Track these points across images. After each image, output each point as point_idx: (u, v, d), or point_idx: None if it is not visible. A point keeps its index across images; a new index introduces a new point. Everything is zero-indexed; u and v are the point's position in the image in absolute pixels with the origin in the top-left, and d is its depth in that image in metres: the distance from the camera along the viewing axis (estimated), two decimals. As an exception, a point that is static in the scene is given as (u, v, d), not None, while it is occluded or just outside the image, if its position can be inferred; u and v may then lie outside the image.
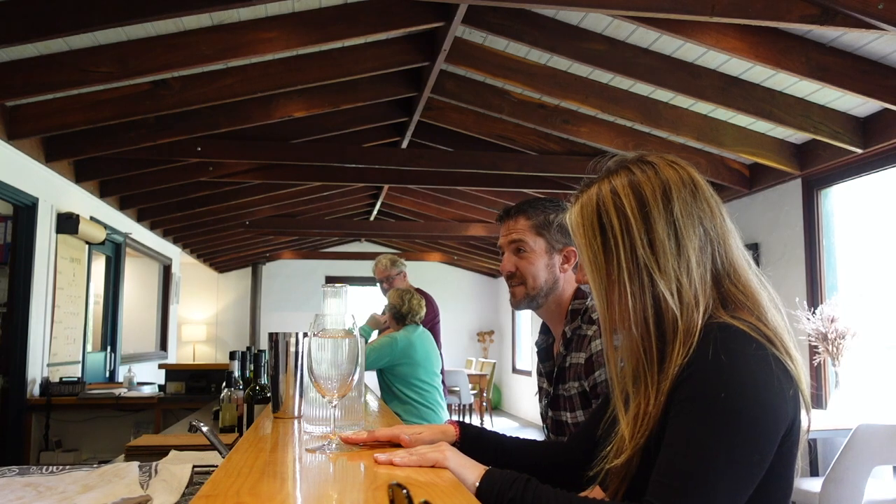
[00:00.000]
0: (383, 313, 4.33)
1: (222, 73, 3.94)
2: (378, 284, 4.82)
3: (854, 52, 3.50)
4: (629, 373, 1.10)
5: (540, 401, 1.97)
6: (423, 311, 4.21)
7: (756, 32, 3.38)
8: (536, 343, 2.00)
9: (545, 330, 1.95)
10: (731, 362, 0.98)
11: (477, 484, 1.06)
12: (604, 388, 1.63)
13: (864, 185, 4.46)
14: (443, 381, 4.73)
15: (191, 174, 5.61)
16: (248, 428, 1.79)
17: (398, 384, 4.07)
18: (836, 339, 3.98)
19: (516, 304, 1.88)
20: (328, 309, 1.33)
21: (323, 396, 1.22)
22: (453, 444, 1.24)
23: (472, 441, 1.27)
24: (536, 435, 4.48)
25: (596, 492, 1.21)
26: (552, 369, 1.86)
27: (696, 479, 0.95)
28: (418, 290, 4.87)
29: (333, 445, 1.19)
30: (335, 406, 1.22)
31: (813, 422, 1.08)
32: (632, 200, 1.09)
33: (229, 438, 2.08)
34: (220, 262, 11.02)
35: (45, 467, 1.46)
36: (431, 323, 4.75)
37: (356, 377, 1.23)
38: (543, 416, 1.93)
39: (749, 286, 1.09)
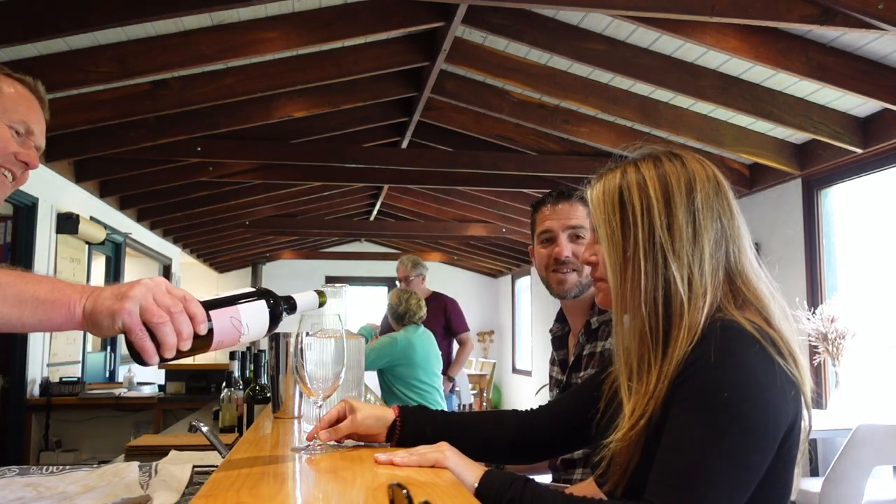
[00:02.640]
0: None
1: (222, 73, 3.94)
2: (398, 284, 4.88)
3: (854, 52, 3.50)
4: (634, 352, 1.11)
5: (550, 390, 1.97)
6: (423, 312, 4.21)
7: (756, 32, 3.38)
8: (551, 330, 1.99)
9: (561, 319, 1.95)
10: (734, 362, 0.99)
11: (476, 484, 1.06)
12: None
13: (864, 185, 4.46)
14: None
15: (191, 174, 5.61)
16: (248, 428, 1.79)
17: (398, 385, 4.07)
18: (836, 339, 3.98)
19: (566, 291, 1.83)
20: (327, 309, 1.33)
21: (308, 396, 1.22)
22: (392, 424, 1.24)
23: (414, 420, 1.27)
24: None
25: (589, 485, 1.21)
26: (566, 358, 1.87)
27: (695, 479, 0.95)
28: (435, 294, 4.92)
29: (318, 445, 1.19)
30: (320, 406, 1.23)
31: (813, 422, 1.08)
32: (656, 184, 1.11)
33: (229, 438, 2.08)
34: (220, 262, 11.02)
35: (45, 467, 1.46)
36: (463, 328, 4.85)
37: (342, 378, 1.23)
38: None
39: (758, 291, 1.10)
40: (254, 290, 1.12)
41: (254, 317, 1.09)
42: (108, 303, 0.96)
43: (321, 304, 1.17)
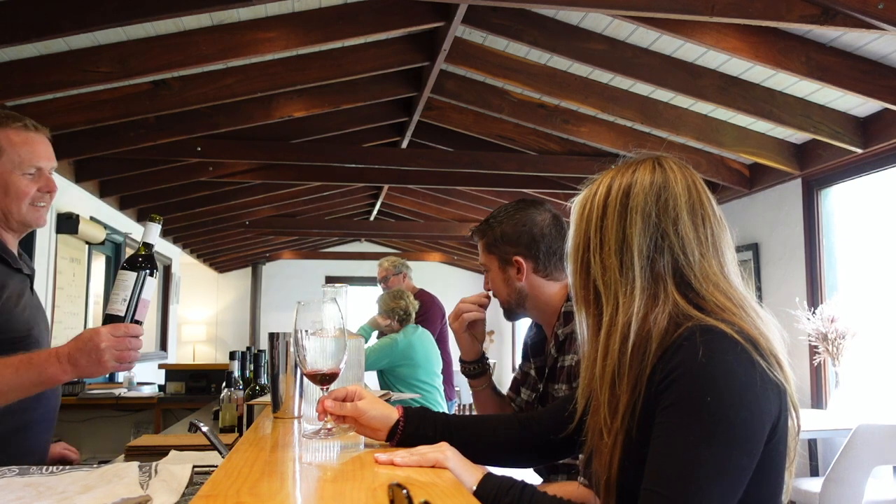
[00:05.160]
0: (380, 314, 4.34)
1: (222, 73, 3.94)
2: (378, 285, 4.90)
3: (854, 52, 3.50)
4: (582, 345, 1.20)
5: (518, 387, 2.00)
6: (414, 312, 4.22)
7: (756, 32, 3.38)
8: (526, 338, 2.02)
9: (537, 325, 1.97)
10: (714, 366, 0.99)
11: (475, 487, 1.06)
12: None
13: (864, 185, 4.46)
14: (450, 381, 4.75)
15: (191, 174, 5.60)
16: (248, 428, 1.78)
17: (399, 385, 4.08)
18: (836, 339, 3.98)
19: (505, 317, 1.96)
20: (327, 312, 1.35)
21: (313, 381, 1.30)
22: (394, 424, 1.26)
23: (416, 421, 1.28)
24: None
25: (568, 486, 1.23)
26: (543, 365, 1.87)
27: (685, 486, 0.96)
28: (422, 292, 4.91)
29: (329, 426, 1.24)
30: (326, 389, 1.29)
31: (813, 422, 1.09)
32: (602, 192, 1.16)
33: (229, 438, 2.08)
34: (220, 262, 11.02)
35: (45, 467, 1.46)
36: (440, 324, 4.79)
37: (343, 366, 1.29)
38: (521, 407, 1.97)
39: (724, 300, 1.08)
40: (134, 272, 1.51)
41: (150, 287, 1.52)
42: (92, 369, 1.45)
43: (158, 222, 1.54)
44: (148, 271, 1.51)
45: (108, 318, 1.48)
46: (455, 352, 5.31)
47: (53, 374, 1.44)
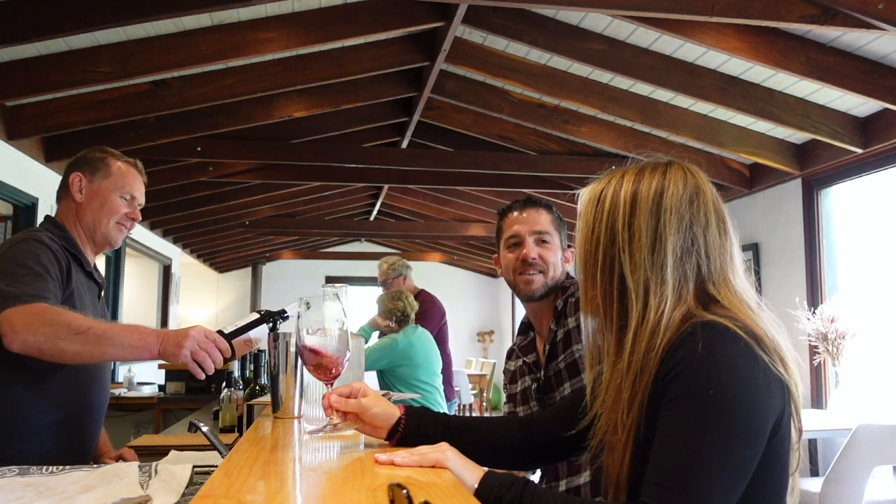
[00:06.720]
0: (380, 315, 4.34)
1: (222, 73, 3.94)
2: (380, 286, 4.88)
3: (854, 52, 3.50)
4: (592, 342, 1.20)
5: (514, 397, 2.01)
6: (413, 312, 4.22)
7: (756, 32, 3.38)
8: (515, 344, 2.04)
9: (524, 330, 2.01)
10: (717, 359, 1.00)
11: (476, 485, 1.06)
12: None
13: (864, 185, 4.46)
14: (450, 381, 4.75)
15: (191, 174, 5.61)
16: (248, 428, 1.79)
17: (399, 385, 4.08)
18: (836, 339, 3.98)
19: (533, 291, 1.89)
20: (328, 313, 1.36)
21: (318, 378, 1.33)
22: (396, 422, 1.26)
23: (417, 420, 1.28)
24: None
25: None
26: (537, 359, 1.91)
27: (690, 478, 0.96)
28: (422, 292, 4.90)
29: (336, 421, 1.25)
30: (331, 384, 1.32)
31: (813, 422, 1.09)
32: (628, 189, 1.14)
33: (229, 438, 2.08)
34: (220, 262, 11.02)
35: (45, 467, 1.46)
36: (439, 324, 4.79)
37: (348, 361, 1.32)
38: (523, 399, 1.98)
39: (736, 304, 1.09)
40: (259, 315, 1.72)
41: (260, 332, 1.73)
42: (172, 349, 1.59)
43: (308, 308, 1.54)
44: (269, 323, 1.72)
45: (217, 332, 1.69)
46: (455, 353, 5.25)
47: (149, 344, 1.60)
